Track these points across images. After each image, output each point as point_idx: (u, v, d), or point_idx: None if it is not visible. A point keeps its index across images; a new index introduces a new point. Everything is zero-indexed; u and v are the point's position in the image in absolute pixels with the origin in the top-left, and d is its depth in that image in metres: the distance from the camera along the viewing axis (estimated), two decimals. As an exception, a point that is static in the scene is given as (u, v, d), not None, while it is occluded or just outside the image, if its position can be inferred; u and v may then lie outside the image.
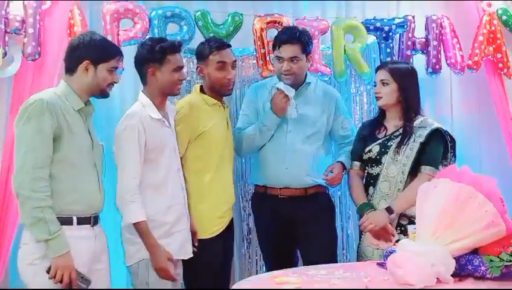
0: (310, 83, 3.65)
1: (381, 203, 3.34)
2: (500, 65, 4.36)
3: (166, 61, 3.10)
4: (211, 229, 3.31)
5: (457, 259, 2.33)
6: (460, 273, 2.36)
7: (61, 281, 2.65)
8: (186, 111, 3.32)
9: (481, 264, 2.34)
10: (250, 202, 3.96)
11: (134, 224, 2.98)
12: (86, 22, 3.78)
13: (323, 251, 3.56)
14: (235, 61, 3.45)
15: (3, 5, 3.59)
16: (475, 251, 2.39)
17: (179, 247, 3.14)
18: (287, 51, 3.48)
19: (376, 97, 3.42)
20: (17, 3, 3.66)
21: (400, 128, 3.36)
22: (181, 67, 3.17)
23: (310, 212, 3.56)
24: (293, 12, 4.33)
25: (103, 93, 2.91)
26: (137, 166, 3.00)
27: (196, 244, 3.26)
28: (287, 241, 3.62)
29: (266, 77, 3.95)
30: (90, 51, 2.83)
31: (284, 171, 3.53)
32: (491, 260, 2.31)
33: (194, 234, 3.25)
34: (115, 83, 2.93)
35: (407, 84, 3.37)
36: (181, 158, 3.29)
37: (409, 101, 3.36)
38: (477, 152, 4.37)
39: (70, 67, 2.86)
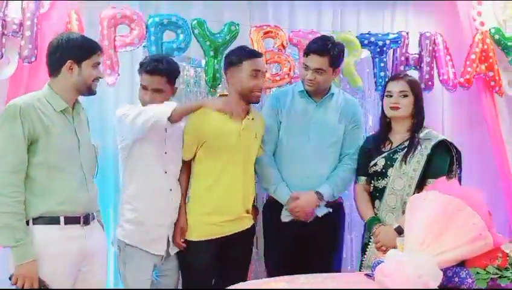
0: (333, 94, 3.63)
1: (388, 217, 3.32)
2: (492, 83, 4.41)
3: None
4: (198, 233, 3.34)
5: (444, 271, 2.35)
6: (447, 285, 2.38)
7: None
8: (192, 118, 3.36)
9: (468, 277, 2.36)
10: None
11: (172, 116, 3.10)
12: (82, 26, 3.80)
13: (332, 262, 3.57)
14: (266, 71, 3.45)
15: (2, 7, 3.62)
16: (462, 264, 2.41)
17: (150, 241, 3.24)
18: (314, 61, 3.46)
19: (391, 108, 3.35)
20: (16, 6, 3.69)
21: (406, 140, 3.35)
22: (145, 87, 3.28)
23: (327, 223, 3.53)
24: (289, 23, 4.39)
25: (90, 90, 2.89)
26: None
27: (182, 240, 3.34)
28: (300, 255, 3.55)
29: (270, 88, 3.99)
30: (71, 51, 2.82)
31: (306, 180, 3.49)
32: (477, 273, 2.33)
33: (182, 231, 3.34)
34: (100, 78, 2.93)
35: (420, 96, 3.39)
36: (187, 162, 3.38)
37: (421, 114, 3.39)
38: (467, 168, 4.40)
39: (53, 70, 2.85)
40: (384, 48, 4.24)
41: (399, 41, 4.29)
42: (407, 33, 4.35)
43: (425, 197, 2.52)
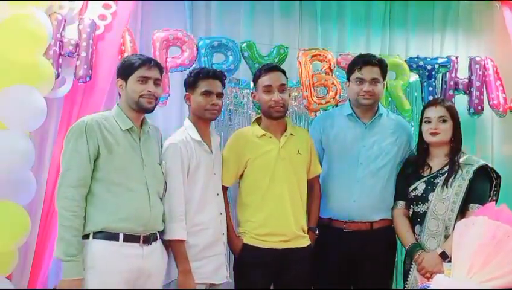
0: (382, 114, 3.59)
1: (429, 242, 3.28)
2: (543, 109, 4.36)
3: (196, 86, 3.21)
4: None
5: (492, 298, 2.33)
6: (494, 312, 2.35)
7: None
8: (231, 141, 3.42)
9: (516, 305, 2.33)
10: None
11: (171, 242, 3.03)
12: (136, 47, 3.90)
13: (383, 284, 3.49)
14: (284, 84, 3.35)
15: (59, 28, 3.74)
16: (511, 291, 2.38)
17: (213, 271, 3.17)
18: (370, 71, 3.46)
19: (431, 133, 3.34)
20: (72, 28, 3.81)
21: (446, 165, 3.34)
22: (209, 92, 3.19)
23: (375, 249, 3.44)
24: (338, 47, 4.43)
25: (139, 106, 2.93)
26: (181, 185, 3.08)
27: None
28: (346, 278, 3.49)
29: (315, 110, 4.01)
30: (120, 70, 3.00)
31: (352, 204, 3.45)
32: (526, 301, 2.30)
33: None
34: (150, 92, 2.93)
35: (459, 121, 3.38)
36: (225, 188, 3.36)
37: (459, 138, 3.37)
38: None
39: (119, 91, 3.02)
40: (433, 72, 4.23)
41: (448, 66, 4.27)
42: (457, 57, 4.33)
43: (473, 222, 2.49)
